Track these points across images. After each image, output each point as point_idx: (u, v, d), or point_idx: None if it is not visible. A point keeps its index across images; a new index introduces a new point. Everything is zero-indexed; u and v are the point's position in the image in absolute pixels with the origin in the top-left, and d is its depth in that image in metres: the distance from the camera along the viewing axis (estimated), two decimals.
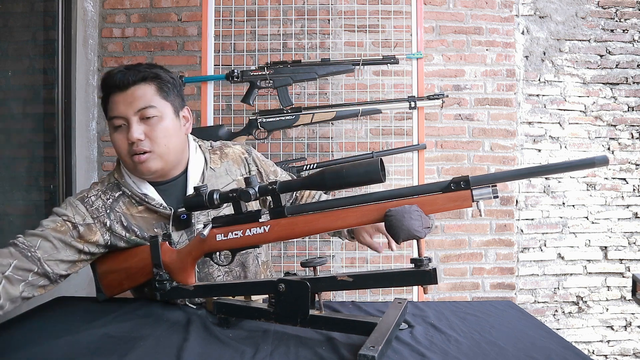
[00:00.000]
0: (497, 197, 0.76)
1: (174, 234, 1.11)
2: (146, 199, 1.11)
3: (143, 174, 1.10)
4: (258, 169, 1.26)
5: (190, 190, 1.12)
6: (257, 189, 0.88)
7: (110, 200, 1.12)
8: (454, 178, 0.78)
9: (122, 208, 1.11)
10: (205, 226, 0.93)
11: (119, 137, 1.08)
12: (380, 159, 0.80)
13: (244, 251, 1.17)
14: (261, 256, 1.27)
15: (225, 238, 0.93)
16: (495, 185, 0.76)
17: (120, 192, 1.13)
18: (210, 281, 1.16)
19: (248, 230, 0.91)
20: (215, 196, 0.92)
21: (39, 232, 1.01)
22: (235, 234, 0.92)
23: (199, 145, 1.22)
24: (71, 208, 1.08)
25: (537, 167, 0.78)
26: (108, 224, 1.09)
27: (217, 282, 1.15)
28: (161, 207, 1.11)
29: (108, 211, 1.10)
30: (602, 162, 0.69)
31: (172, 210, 1.10)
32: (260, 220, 0.90)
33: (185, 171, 1.16)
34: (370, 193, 0.84)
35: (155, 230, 1.11)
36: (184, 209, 1.05)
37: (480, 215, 0.88)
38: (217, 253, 0.99)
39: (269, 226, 0.89)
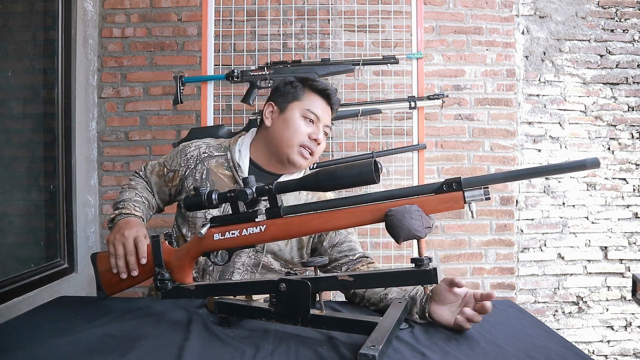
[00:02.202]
0: (488, 198, 0.77)
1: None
2: (237, 169, 1.27)
3: (294, 163, 1.27)
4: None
5: None
6: (254, 189, 0.89)
7: (206, 154, 1.30)
8: (446, 179, 0.79)
9: (212, 165, 1.28)
10: (203, 225, 0.94)
11: (303, 125, 1.27)
12: (375, 159, 0.80)
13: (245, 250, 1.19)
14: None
15: (223, 237, 0.93)
16: (487, 187, 0.77)
17: (223, 154, 1.30)
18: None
19: (244, 230, 0.91)
20: (213, 196, 0.92)
21: (148, 174, 1.32)
22: (232, 234, 0.92)
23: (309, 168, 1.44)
24: (171, 155, 1.33)
25: (530, 169, 0.78)
26: (187, 172, 1.27)
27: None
28: (241, 179, 1.24)
29: (197, 161, 1.28)
30: (593, 164, 0.69)
31: None
32: (256, 220, 0.90)
33: (280, 175, 1.31)
34: (365, 194, 0.84)
35: None
36: None
37: (472, 216, 0.87)
38: (215, 252, 0.99)
39: (264, 226, 0.89)
